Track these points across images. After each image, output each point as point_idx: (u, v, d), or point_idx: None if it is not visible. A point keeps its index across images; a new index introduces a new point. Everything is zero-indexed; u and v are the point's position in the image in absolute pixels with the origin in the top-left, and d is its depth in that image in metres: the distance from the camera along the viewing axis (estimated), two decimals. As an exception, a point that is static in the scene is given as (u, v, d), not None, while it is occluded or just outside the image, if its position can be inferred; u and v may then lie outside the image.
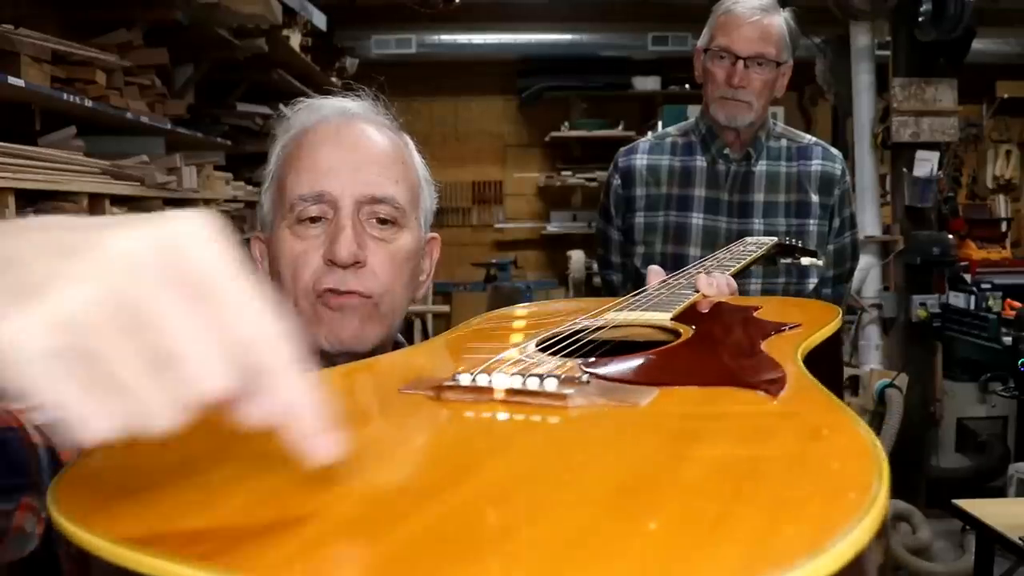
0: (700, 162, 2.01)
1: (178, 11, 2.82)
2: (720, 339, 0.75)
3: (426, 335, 5.48)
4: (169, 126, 2.91)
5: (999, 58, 6.24)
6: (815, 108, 6.57)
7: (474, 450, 0.48)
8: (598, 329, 0.78)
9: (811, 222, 2.00)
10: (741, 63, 1.88)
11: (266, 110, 3.77)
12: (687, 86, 6.35)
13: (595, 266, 4.15)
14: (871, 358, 4.02)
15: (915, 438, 3.79)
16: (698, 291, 0.95)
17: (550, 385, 0.54)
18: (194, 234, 0.36)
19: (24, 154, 2.00)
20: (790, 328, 0.74)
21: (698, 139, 2.03)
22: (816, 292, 2.04)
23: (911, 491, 3.69)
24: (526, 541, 0.34)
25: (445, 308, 5.99)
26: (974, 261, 5.53)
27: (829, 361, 0.76)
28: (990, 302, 3.76)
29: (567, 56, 6.65)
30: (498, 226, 7.12)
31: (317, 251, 0.95)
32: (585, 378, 0.56)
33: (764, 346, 0.67)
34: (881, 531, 0.33)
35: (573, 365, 0.62)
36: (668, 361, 0.65)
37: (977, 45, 3.97)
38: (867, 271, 3.97)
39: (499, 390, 0.55)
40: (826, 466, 0.40)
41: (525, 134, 7.11)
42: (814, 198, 2.01)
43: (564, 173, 6.90)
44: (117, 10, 2.78)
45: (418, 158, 1.07)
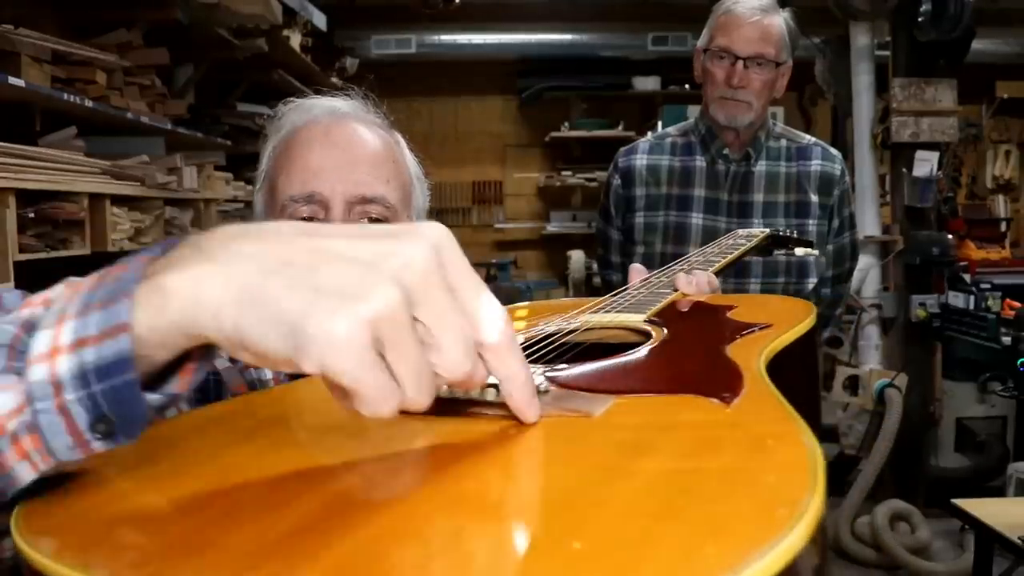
0: (700, 162, 2.01)
1: (178, 11, 2.83)
2: (686, 343, 0.74)
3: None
4: (169, 126, 2.91)
5: (999, 58, 6.25)
6: (815, 108, 6.58)
7: (411, 465, 0.47)
8: (572, 332, 0.78)
9: (810, 222, 2.00)
10: (741, 63, 1.88)
11: (266, 110, 3.77)
12: (687, 86, 6.36)
13: (595, 266, 4.15)
14: (871, 358, 4.02)
15: (914, 438, 3.79)
16: (677, 290, 0.95)
17: None
18: (447, 242, 0.45)
19: (25, 154, 2.00)
20: (760, 329, 0.73)
21: (698, 139, 2.03)
22: (815, 291, 2.05)
23: (910, 491, 3.69)
24: (439, 569, 0.34)
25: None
26: (973, 261, 5.53)
27: (801, 361, 0.75)
28: (989, 302, 3.76)
29: (567, 56, 6.65)
30: (498, 226, 7.12)
31: None
32: (543, 387, 0.56)
33: (729, 350, 0.66)
34: (812, 541, 0.33)
35: (537, 372, 0.62)
36: (629, 368, 0.65)
37: (977, 45, 3.97)
38: (867, 271, 3.97)
39: (456, 400, 0.53)
40: (761, 480, 0.39)
41: (525, 134, 7.11)
42: (813, 198, 2.01)
43: (564, 173, 6.91)
44: (117, 10, 2.78)
45: (410, 156, 1.07)
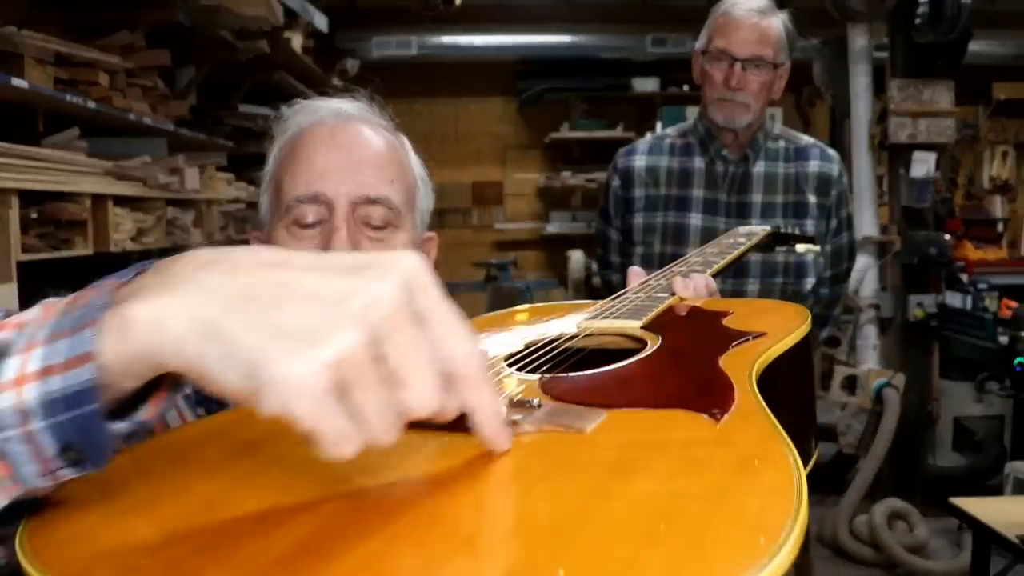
0: (698, 163, 2.03)
1: (180, 13, 2.83)
2: (679, 353, 0.73)
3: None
4: (171, 127, 2.92)
5: (996, 60, 6.27)
6: (813, 109, 6.59)
7: (400, 485, 0.47)
8: (571, 338, 0.78)
9: (808, 222, 2.01)
10: (739, 65, 1.90)
11: (268, 111, 3.78)
12: (686, 87, 6.37)
13: (595, 266, 4.16)
14: (868, 358, 4.04)
15: (912, 437, 3.81)
16: (675, 294, 0.94)
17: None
18: (419, 275, 0.44)
19: (27, 155, 2.01)
20: (754, 338, 0.73)
21: (696, 140, 2.04)
22: (814, 292, 2.06)
23: (908, 490, 3.70)
24: None
25: (445, 308, 5.99)
26: (971, 261, 5.54)
27: (796, 367, 0.75)
28: (986, 302, 3.78)
29: (567, 58, 6.67)
30: (498, 226, 7.13)
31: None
32: (536, 402, 0.56)
33: (722, 361, 0.66)
34: (793, 565, 0.34)
35: (533, 383, 0.62)
36: (622, 380, 0.65)
37: (974, 47, 3.98)
38: (864, 271, 3.98)
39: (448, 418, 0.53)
40: (744, 505, 0.40)
41: (525, 135, 7.13)
42: (811, 199, 2.02)
43: (564, 174, 6.92)
44: (119, 12, 2.79)
45: (415, 158, 1.08)
